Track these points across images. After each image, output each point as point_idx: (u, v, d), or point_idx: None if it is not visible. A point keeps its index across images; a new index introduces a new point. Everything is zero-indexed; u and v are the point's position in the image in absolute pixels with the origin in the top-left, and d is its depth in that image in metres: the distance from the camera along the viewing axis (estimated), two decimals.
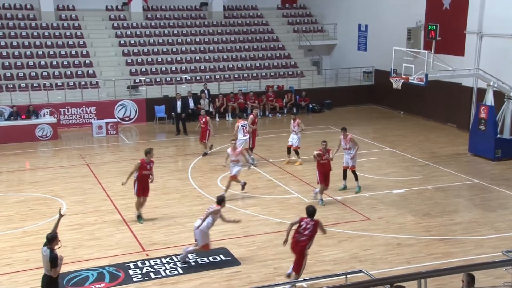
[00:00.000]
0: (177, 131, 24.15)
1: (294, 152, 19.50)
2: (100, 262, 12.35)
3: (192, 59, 29.46)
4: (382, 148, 21.71)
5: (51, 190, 17.08)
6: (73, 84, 26.30)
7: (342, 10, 32.55)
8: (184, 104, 24.21)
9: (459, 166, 19.36)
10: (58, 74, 26.79)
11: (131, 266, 12.19)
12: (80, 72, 27.14)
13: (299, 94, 28.60)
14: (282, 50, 31.43)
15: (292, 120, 19.69)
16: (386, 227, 14.23)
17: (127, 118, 26.16)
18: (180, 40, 30.30)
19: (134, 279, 11.67)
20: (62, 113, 25.03)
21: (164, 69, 28.55)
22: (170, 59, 29.12)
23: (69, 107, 25.21)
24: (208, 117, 20.72)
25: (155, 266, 12.17)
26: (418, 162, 19.80)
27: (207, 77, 28.45)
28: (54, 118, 24.22)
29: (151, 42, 29.78)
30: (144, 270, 12.01)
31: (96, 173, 18.76)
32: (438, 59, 19.69)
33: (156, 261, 12.41)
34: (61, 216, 10.35)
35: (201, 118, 20.64)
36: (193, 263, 12.33)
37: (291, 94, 28.43)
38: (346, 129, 16.64)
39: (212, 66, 29.45)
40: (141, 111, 26.25)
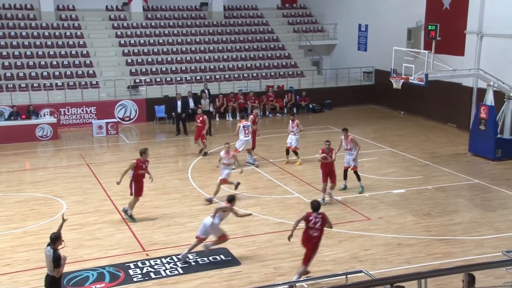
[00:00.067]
0: (177, 131, 24.16)
1: (293, 152, 19.50)
2: (100, 262, 12.35)
3: (192, 59, 29.47)
4: (382, 148, 21.71)
5: (51, 190, 17.09)
6: (73, 84, 26.30)
7: (342, 10, 32.56)
8: (184, 104, 24.21)
9: (459, 166, 19.36)
10: (58, 74, 26.80)
11: (131, 266, 12.19)
12: (80, 72, 27.14)
13: (299, 94, 28.60)
14: (282, 50, 31.43)
15: (290, 120, 19.66)
16: (386, 227, 14.23)
17: (127, 118, 26.16)
18: (180, 40, 30.30)
19: (134, 279, 11.67)
20: (62, 113, 25.04)
21: (164, 69, 28.55)
22: (170, 59, 29.12)
23: (69, 107, 25.22)
24: (205, 116, 20.72)
25: (155, 266, 12.17)
26: (418, 162, 19.80)
27: (207, 77, 28.46)
28: (54, 118, 24.22)
29: (151, 42, 29.79)
30: (144, 270, 12.01)
31: (96, 173, 18.77)
32: (438, 59, 19.69)
33: (156, 261, 12.41)
34: (64, 221, 10.33)
35: (198, 117, 20.60)
36: (193, 263, 12.33)
37: (291, 94, 28.43)
38: (347, 129, 16.65)
39: (212, 66, 29.45)
40: (141, 111, 26.25)
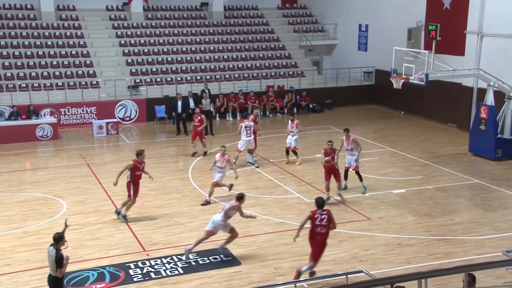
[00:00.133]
0: (177, 131, 24.16)
1: (292, 152, 19.50)
2: (100, 262, 12.35)
3: (192, 59, 29.47)
4: (383, 148, 21.71)
5: (52, 190, 17.09)
6: (73, 84, 26.31)
7: (342, 10, 32.56)
8: (184, 104, 24.21)
9: (460, 166, 19.36)
10: (58, 74, 26.80)
11: (132, 266, 12.19)
12: (80, 72, 27.15)
13: (300, 94, 28.60)
14: (282, 50, 31.43)
15: (290, 120, 19.65)
16: (386, 227, 14.24)
17: (128, 118, 26.17)
18: (180, 40, 30.31)
19: (135, 279, 11.68)
20: (63, 113, 25.05)
21: (164, 69, 28.56)
22: (170, 59, 29.13)
23: (69, 107, 25.22)
24: (203, 115, 20.71)
25: (156, 266, 12.18)
26: (418, 162, 19.80)
27: (208, 77, 28.45)
28: (55, 118, 24.23)
29: (152, 42, 29.79)
30: (144, 270, 12.02)
31: (96, 173, 18.77)
32: (438, 59, 19.68)
33: (156, 261, 12.42)
34: (66, 226, 10.30)
35: (196, 117, 20.51)
36: (193, 263, 12.34)
37: (292, 94, 28.43)
38: (348, 130, 16.65)
39: (212, 66, 29.46)
40: (141, 111, 26.26)
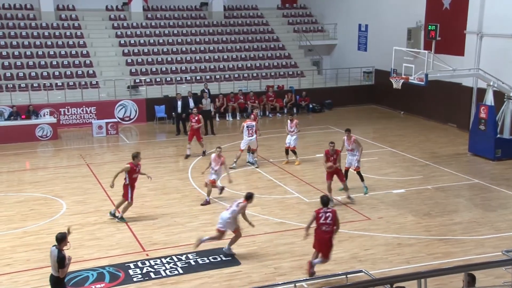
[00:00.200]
0: (177, 131, 24.17)
1: (292, 152, 19.51)
2: (100, 262, 12.35)
3: (192, 59, 29.48)
4: (383, 148, 21.71)
5: (51, 190, 17.09)
6: (73, 84, 26.31)
7: (342, 10, 32.57)
8: (184, 104, 24.20)
9: (459, 166, 19.37)
10: (58, 74, 26.80)
11: (131, 266, 12.19)
12: (80, 72, 27.15)
13: (299, 94, 28.60)
14: (282, 50, 31.44)
15: (289, 120, 19.66)
16: (386, 227, 14.24)
17: (127, 118, 26.17)
18: (180, 40, 30.31)
19: (134, 279, 11.67)
20: (62, 113, 25.05)
21: (164, 69, 28.56)
22: (170, 59, 29.13)
23: (69, 107, 25.22)
24: (200, 115, 20.69)
25: (155, 266, 12.17)
26: (418, 162, 19.80)
27: (207, 77, 28.46)
28: (54, 118, 24.23)
29: (151, 42, 29.80)
30: (144, 270, 12.01)
31: (96, 173, 18.77)
32: (438, 59, 19.69)
33: (156, 261, 12.41)
34: (69, 233, 10.24)
35: (193, 117, 20.40)
36: (193, 263, 12.34)
37: (291, 94, 28.44)
38: (350, 130, 16.64)
39: (212, 66, 29.46)
40: (141, 111, 26.26)
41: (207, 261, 12.44)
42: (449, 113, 25.33)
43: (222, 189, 15.94)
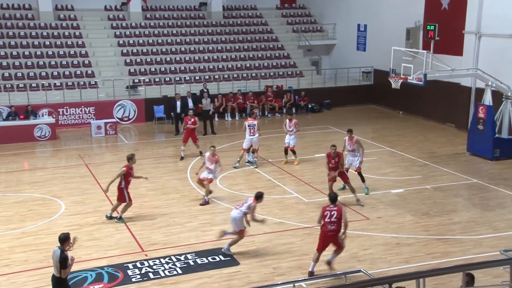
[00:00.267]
0: (176, 131, 24.15)
1: (291, 152, 19.50)
2: (99, 263, 12.34)
3: (191, 59, 29.47)
4: (381, 148, 21.72)
5: (50, 191, 17.08)
6: (71, 84, 26.29)
7: (341, 10, 32.58)
8: (183, 104, 24.19)
9: (458, 165, 19.38)
10: (56, 74, 26.78)
11: (130, 266, 12.18)
12: (78, 72, 27.13)
13: (298, 94, 28.61)
14: (281, 50, 31.44)
15: (288, 120, 19.65)
16: (385, 227, 14.24)
17: (126, 118, 26.16)
18: (179, 40, 30.30)
19: (133, 280, 11.66)
20: (61, 113, 25.04)
21: (163, 69, 28.55)
22: (169, 59, 29.12)
23: (67, 107, 25.21)
24: (196, 117, 20.62)
25: (154, 267, 12.17)
26: (417, 162, 19.81)
27: (206, 77, 28.45)
28: (53, 118, 24.20)
29: (150, 42, 29.78)
30: (143, 271, 12.00)
31: (95, 173, 18.76)
32: (436, 59, 19.71)
33: (155, 261, 12.41)
34: (74, 243, 10.18)
35: (189, 119, 20.20)
36: (192, 263, 12.33)
37: (290, 94, 28.43)
38: (352, 131, 16.63)
39: (211, 66, 29.46)
40: (140, 111, 26.26)
41: (206, 261, 12.43)
42: (447, 113, 25.35)
43: (210, 192, 15.89)
